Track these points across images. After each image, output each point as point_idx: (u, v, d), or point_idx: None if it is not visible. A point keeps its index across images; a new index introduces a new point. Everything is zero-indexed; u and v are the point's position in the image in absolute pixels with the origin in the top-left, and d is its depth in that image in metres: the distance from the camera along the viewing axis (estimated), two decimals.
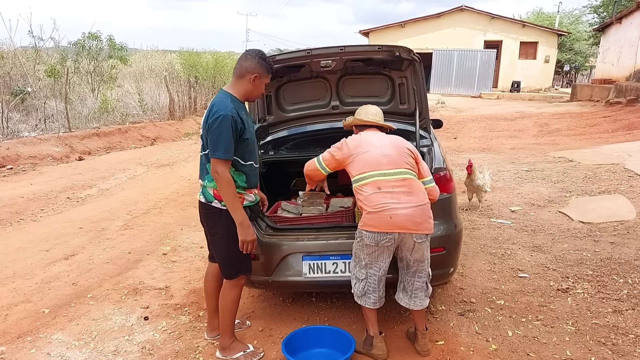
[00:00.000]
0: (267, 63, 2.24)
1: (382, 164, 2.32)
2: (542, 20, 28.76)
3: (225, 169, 2.13)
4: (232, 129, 2.11)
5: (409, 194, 2.27)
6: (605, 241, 3.95)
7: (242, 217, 2.19)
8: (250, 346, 2.50)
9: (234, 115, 2.12)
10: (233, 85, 2.26)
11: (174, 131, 12.00)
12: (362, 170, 2.33)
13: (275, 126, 3.41)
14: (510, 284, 3.29)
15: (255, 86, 2.25)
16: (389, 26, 23.58)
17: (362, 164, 2.35)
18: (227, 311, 2.41)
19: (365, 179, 2.32)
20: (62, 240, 4.41)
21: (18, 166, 7.64)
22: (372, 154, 2.36)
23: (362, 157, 2.36)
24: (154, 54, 19.96)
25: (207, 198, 2.31)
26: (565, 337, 2.63)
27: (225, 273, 2.37)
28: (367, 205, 2.27)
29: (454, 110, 15.74)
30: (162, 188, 6.42)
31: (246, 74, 2.21)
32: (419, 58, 2.75)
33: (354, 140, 2.47)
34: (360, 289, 2.39)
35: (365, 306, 2.41)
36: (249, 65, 2.21)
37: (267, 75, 2.27)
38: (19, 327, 2.86)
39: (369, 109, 2.59)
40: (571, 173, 6.34)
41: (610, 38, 18.65)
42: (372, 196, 2.27)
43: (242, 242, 2.21)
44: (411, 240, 2.26)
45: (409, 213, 2.23)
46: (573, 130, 10.86)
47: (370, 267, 2.35)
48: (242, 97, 2.27)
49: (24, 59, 12.30)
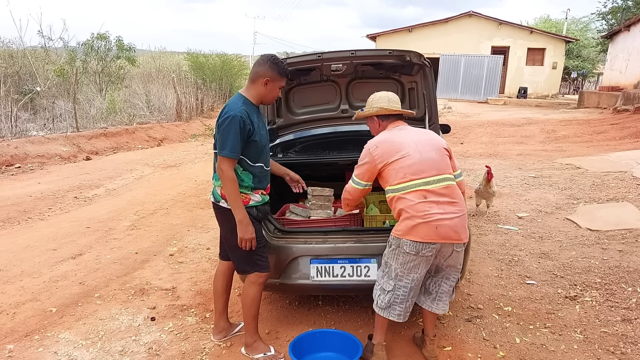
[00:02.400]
0: (279, 67, 2.28)
1: (425, 171, 2.18)
2: (549, 27, 28.69)
3: (229, 167, 2.19)
4: (240, 129, 2.16)
5: (453, 204, 2.19)
6: (613, 249, 3.91)
7: (241, 215, 2.23)
8: (272, 349, 2.51)
9: (243, 116, 2.17)
10: (247, 88, 2.33)
11: (181, 132, 12.06)
12: (404, 180, 2.19)
13: (285, 129, 3.42)
14: (518, 291, 3.27)
15: (269, 90, 2.30)
16: (397, 30, 23.62)
17: (402, 172, 2.19)
18: (247, 308, 2.45)
19: (408, 188, 2.18)
20: (69, 239, 4.44)
21: (26, 165, 7.71)
22: (412, 159, 2.20)
23: (402, 164, 2.19)
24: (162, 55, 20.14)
25: (215, 198, 2.37)
26: (574, 345, 2.60)
27: (238, 268, 2.44)
28: (413, 215, 2.15)
29: (461, 115, 15.70)
30: (169, 189, 6.45)
31: (258, 79, 2.27)
32: (429, 63, 2.75)
33: (382, 145, 2.27)
34: (385, 301, 2.29)
35: (388, 318, 2.31)
36: (261, 69, 2.27)
37: (281, 78, 2.31)
38: (27, 326, 2.87)
39: (389, 95, 2.39)
40: (579, 180, 6.30)
41: (618, 45, 18.56)
42: (419, 205, 2.15)
43: (241, 240, 2.25)
44: (450, 249, 2.22)
45: (453, 224, 2.16)
46: (580, 137, 10.80)
47: (400, 279, 2.25)
48: (256, 100, 2.33)
49: (33, 58, 12.43)
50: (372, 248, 2.50)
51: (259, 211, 2.41)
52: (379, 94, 2.42)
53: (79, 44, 14.35)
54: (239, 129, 2.16)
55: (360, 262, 2.49)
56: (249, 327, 2.49)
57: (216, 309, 2.67)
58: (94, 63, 14.23)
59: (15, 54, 12.58)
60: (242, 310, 2.52)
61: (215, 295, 2.65)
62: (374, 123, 2.42)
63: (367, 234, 2.58)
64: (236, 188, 2.22)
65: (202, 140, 11.62)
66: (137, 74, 16.28)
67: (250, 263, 2.38)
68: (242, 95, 2.30)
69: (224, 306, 2.66)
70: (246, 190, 2.32)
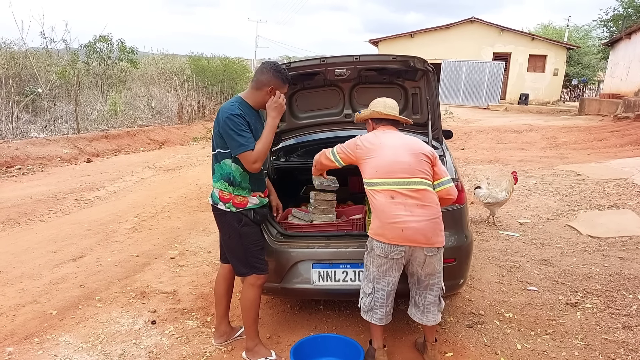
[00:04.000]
0: (282, 74, 2.30)
1: (396, 172, 2.23)
2: (551, 34, 28.84)
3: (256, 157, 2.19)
4: (239, 123, 2.18)
5: (422, 207, 2.20)
6: (614, 256, 3.91)
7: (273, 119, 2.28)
8: (273, 353, 2.50)
9: (238, 113, 2.21)
10: (249, 93, 2.34)
11: (182, 135, 12.08)
12: (375, 176, 2.27)
13: (288, 133, 3.43)
14: (519, 297, 3.26)
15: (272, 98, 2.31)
16: (399, 36, 23.73)
17: (375, 168, 2.27)
18: (246, 310, 2.44)
19: (377, 184, 2.26)
20: (70, 241, 4.43)
21: (27, 166, 7.71)
22: (386, 159, 2.27)
23: (376, 161, 2.28)
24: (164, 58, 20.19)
25: (214, 200, 2.38)
26: (575, 352, 2.60)
27: (238, 271, 2.44)
28: (379, 215, 2.23)
29: (462, 121, 15.73)
30: (170, 192, 6.45)
31: (263, 87, 2.28)
32: (433, 69, 2.76)
33: (369, 140, 2.37)
34: (366, 304, 2.35)
35: (370, 321, 2.37)
36: (265, 78, 2.28)
37: (284, 85, 2.33)
38: (27, 328, 2.87)
39: (386, 101, 2.47)
40: (579, 187, 6.31)
41: (620, 53, 18.63)
42: (385, 205, 2.21)
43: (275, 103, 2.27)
44: (422, 254, 2.22)
45: (420, 227, 2.17)
46: (581, 144, 10.82)
47: (377, 282, 2.30)
48: (257, 106, 2.34)
49: (35, 60, 12.46)
50: None
51: (257, 214, 2.40)
52: (378, 99, 2.48)
53: (81, 45, 14.42)
54: (238, 123, 2.19)
55: (362, 267, 2.49)
56: (250, 330, 2.49)
57: (217, 313, 2.67)
58: (95, 65, 14.28)
59: (16, 55, 12.62)
60: (241, 314, 2.51)
61: (217, 299, 2.65)
62: (369, 126, 2.52)
63: None
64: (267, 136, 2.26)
65: (203, 143, 11.63)
66: (138, 77, 16.33)
67: (248, 265, 2.38)
68: (239, 97, 2.32)
69: (225, 310, 2.66)
70: (244, 192, 2.33)
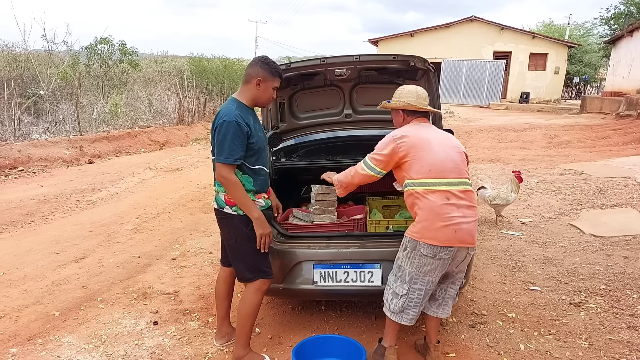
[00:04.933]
0: (270, 67, 2.27)
1: (448, 171, 2.14)
2: (552, 32, 28.74)
3: (229, 171, 2.18)
4: (236, 133, 2.15)
5: (470, 207, 2.17)
6: (617, 255, 3.89)
7: (257, 213, 2.24)
8: (267, 357, 2.46)
9: (238, 120, 2.16)
10: (241, 91, 2.34)
11: (183, 136, 12.09)
12: (428, 175, 2.12)
13: (288, 133, 3.42)
14: (522, 297, 3.25)
15: (262, 91, 2.29)
16: (399, 35, 23.69)
17: (427, 166, 2.13)
18: (246, 317, 2.36)
19: (431, 185, 2.12)
20: (72, 243, 4.44)
21: (29, 168, 7.73)
22: (438, 156, 2.15)
23: (427, 158, 2.14)
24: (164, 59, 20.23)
25: (219, 204, 2.33)
26: (579, 352, 2.58)
27: (242, 276, 2.38)
28: (429, 216, 2.11)
29: (463, 120, 15.70)
30: (171, 193, 6.46)
31: (251, 79, 2.28)
32: (434, 68, 2.75)
33: (408, 136, 2.19)
34: (399, 305, 2.24)
35: (400, 322, 2.28)
36: (253, 70, 2.27)
37: (273, 78, 2.29)
38: (30, 329, 2.87)
39: (418, 91, 2.31)
40: (582, 185, 6.28)
41: (621, 51, 18.56)
42: (439, 207, 2.10)
43: (260, 236, 2.24)
44: (465, 253, 2.21)
45: (470, 228, 2.15)
46: (583, 142, 10.78)
47: (415, 282, 2.21)
48: (250, 102, 2.32)
49: (37, 62, 12.50)
50: (376, 253, 2.50)
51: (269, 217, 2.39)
52: (408, 87, 2.35)
53: (82, 47, 14.46)
54: (236, 133, 2.15)
55: (363, 268, 2.49)
56: (244, 338, 2.39)
57: (218, 314, 2.65)
58: (96, 67, 14.32)
59: (18, 57, 12.66)
60: (237, 319, 2.40)
61: (218, 301, 2.63)
62: (399, 116, 2.37)
63: (371, 239, 2.57)
64: (242, 189, 2.22)
65: (204, 144, 11.64)
66: (139, 78, 16.36)
67: (256, 270, 2.34)
68: (235, 99, 2.30)
69: (226, 311, 2.65)
70: (249, 194, 2.29)
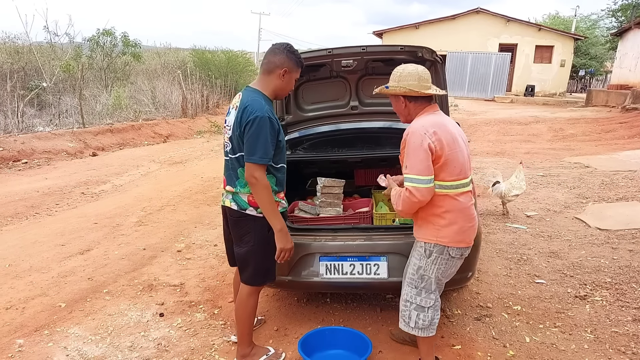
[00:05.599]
0: (296, 56, 2.10)
1: (468, 169, 2.03)
2: (558, 24, 28.43)
3: (263, 173, 2.01)
4: (270, 131, 1.99)
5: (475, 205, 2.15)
6: (623, 248, 3.87)
7: (281, 224, 2.07)
8: (271, 349, 2.45)
9: (270, 116, 2.00)
10: (261, 82, 2.13)
11: (187, 129, 12.08)
12: (459, 176, 1.98)
13: (293, 126, 3.40)
14: (527, 290, 3.24)
15: (285, 82, 2.11)
16: (403, 27, 23.50)
17: (459, 167, 1.97)
18: (245, 318, 2.30)
19: (462, 186, 2.01)
20: (77, 235, 4.46)
21: (33, 160, 7.75)
22: (464, 154, 2.01)
23: (459, 158, 1.98)
24: (167, 51, 20.16)
25: (240, 205, 2.15)
26: (584, 344, 2.58)
27: (252, 280, 2.24)
28: (459, 218, 2.01)
29: (467, 113, 15.60)
30: (176, 185, 6.46)
31: (275, 69, 2.08)
32: (441, 59, 2.72)
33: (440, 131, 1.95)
34: (428, 319, 2.11)
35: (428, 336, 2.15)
36: (278, 59, 2.07)
37: (297, 69, 2.13)
38: (36, 321, 2.89)
39: (419, 72, 2.02)
40: (587, 179, 6.24)
41: (628, 43, 18.34)
42: (468, 209, 2.02)
43: (281, 250, 2.09)
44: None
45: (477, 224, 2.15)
46: (588, 135, 10.71)
47: (440, 285, 2.14)
48: (272, 94, 2.14)
49: (39, 54, 12.47)
50: (382, 246, 2.49)
51: (284, 217, 2.28)
52: (408, 68, 2.04)
53: (85, 39, 14.43)
54: (269, 131, 1.98)
55: (369, 260, 2.48)
56: (245, 338, 2.33)
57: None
58: (99, 59, 14.29)
59: (21, 49, 12.65)
60: (236, 322, 2.34)
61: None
62: (399, 102, 2.09)
63: (377, 232, 2.56)
64: (271, 196, 2.05)
65: (207, 137, 11.63)
66: (142, 70, 16.32)
67: (268, 274, 2.25)
68: (259, 92, 2.09)
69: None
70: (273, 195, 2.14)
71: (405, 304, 2.17)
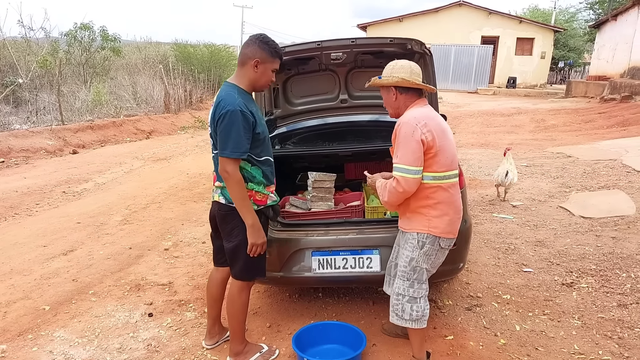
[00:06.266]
0: (270, 46, 2.06)
1: (457, 161, 2.07)
2: (537, 17, 28.89)
3: (235, 168, 2.01)
4: (242, 124, 1.97)
5: None
6: (606, 236, 3.96)
7: (253, 219, 2.07)
8: (264, 346, 2.43)
9: (242, 110, 1.98)
10: (237, 75, 2.12)
11: (170, 125, 11.86)
12: (450, 167, 2.00)
13: (283, 120, 3.35)
14: (515, 279, 3.29)
15: (260, 73, 2.09)
16: (387, 20, 23.51)
17: (450, 158, 2.00)
18: (238, 314, 2.27)
19: (453, 177, 2.03)
20: (59, 235, 4.33)
21: (10, 159, 7.50)
22: (453, 145, 2.04)
23: (447, 148, 2.00)
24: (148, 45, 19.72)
25: (228, 199, 2.14)
26: (572, 331, 2.63)
27: (241, 275, 2.23)
28: (449, 210, 2.04)
29: (451, 105, 15.76)
30: (161, 182, 6.34)
31: (248, 61, 2.06)
32: (430, 51, 2.71)
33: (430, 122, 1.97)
34: (421, 310, 2.13)
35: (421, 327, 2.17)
36: (250, 51, 2.06)
37: (272, 59, 2.08)
38: (19, 325, 2.80)
39: (412, 66, 2.08)
40: (570, 168, 6.37)
41: (606, 35, 18.76)
42: (458, 200, 2.06)
43: (252, 245, 2.09)
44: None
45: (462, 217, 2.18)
46: (569, 126, 10.93)
47: (430, 275, 2.18)
48: (249, 87, 2.12)
49: (14, 49, 12.03)
50: (374, 239, 2.48)
51: (274, 212, 2.27)
52: (401, 62, 2.11)
53: (62, 34, 13.98)
54: (242, 124, 1.96)
55: (362, 254, 2.47)
56: (238, 335, 2.31)
57: (210, 315, 2.51)
58: (77, 54, 13.87)
59: None
60: (228, 318, 2.32)
61: (210, 302, 2.47)
62: (390, 94, 2.12)
63: (369, 225, 2.56)
64: (244, 190, 2.05)
65: (191, 132, 11.45)
66: (122, 65, 15.93)
67: (257, 269, 2.23)
68: (234, 85, 2.09)
69: (219, 312, 2.51)
70: (259, 187, 2.15)
71: (398, 297, 2.17)
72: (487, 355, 2.42)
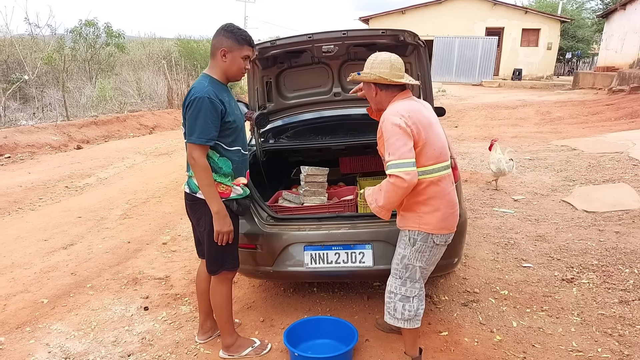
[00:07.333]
0: (235, 34, 2.05)
1: (447, 151, 2.01)
2: (544, 7, 28.37)
3: (201, 154, 2.02)
4: (209, 111, 1.99)
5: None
6: (610, 230, 3.90)
7: (218, 206, 2.07)
8: (257, 340, 2.43)
9: (210, 97, 1.99)
10: (210, 66, 2.14)
11: (173, 120, 11.89)
12: (439, 160, 1.95)
13: (276, 114, 3.33)
14: (514, 274, 3.25)
15: (229, 62, 2.08)
16: (390, 13, 23.29)
17: (438, 150, 1.95)
18: (221, 307, 2.29)
19: (442, 169, 1.98)
20: (60, 229, 4.37)
21: (16, 155, 7.58)
22: (442, 137, 1.99)
23: (435, 141, 1.96)
24: (152, 41, 19.77)
25: (192, 189, 2.17)
26: (571, 328, 2.59)
27: (208, 268, 2.25)
28: (441, 205, 1.98)
29: (455, 98, 15.59)
30: (161, 177, 6.36)
31: (216, 51, 2.08)
32: (424, 43, 2.66)
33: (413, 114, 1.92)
34: (414, 309, 2.08)
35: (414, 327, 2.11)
36: (216, 41, 2.07)
37: (239, 46, 2.06)
38: (18, 317, 2.83)
39: (392, 60, 1.98)
40: (574, 162, 6.27)
41: (614, 25, 18.39)
42: (449, 194, 1.99)
43: (217, 233, 2.08)
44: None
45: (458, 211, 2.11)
46: (575, 118, 10.76)
47: (424, 273, 2.10)
48: (221, 77, 2.13)
49: (21, 46, 12.13)
50: (367, 234, 2.45)
51: (239, 205, 2.22)
52: (381, 56, 2.00)
53: (67, 31, 14.06)
54: (209, 111, 1.98)
55: (355, 249, 2.45)
56: (226, 327, 2.33)
57: (201, 310, 2.50)
58: (82, 50, 13.95)
59: (1, 42, 12.29)
60: (215, 312, 2.34)
61: (199, 296, 2.47)
62: (371, 90, 2.07)
63: (362, 220, 2.53)
64: (210, 177, 2.06)
65: None
66: (126, 61, 16.00)
67: (221, 261, 2.22)
68: (206, 75, 2.11)
69: (209, 306, 2.49)
70: (225, 179, 2.14)
71: (390, 295, 2.13)
72: (482, 351, 2.39)
